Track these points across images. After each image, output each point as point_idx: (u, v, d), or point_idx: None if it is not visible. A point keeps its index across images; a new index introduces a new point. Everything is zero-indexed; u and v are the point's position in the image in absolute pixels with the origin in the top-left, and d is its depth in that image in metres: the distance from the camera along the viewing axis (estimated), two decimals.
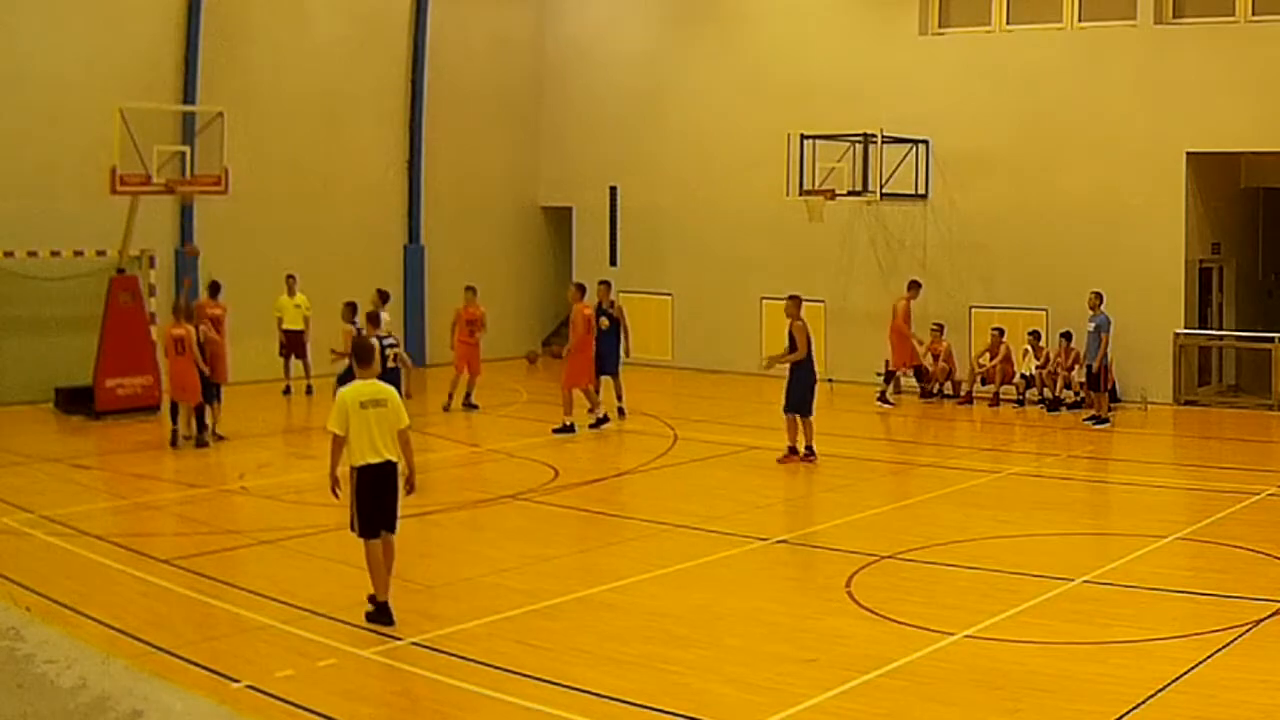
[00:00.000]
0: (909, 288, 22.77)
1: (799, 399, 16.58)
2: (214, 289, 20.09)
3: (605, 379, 19.90)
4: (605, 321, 19.84)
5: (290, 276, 22.54)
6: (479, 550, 12.12)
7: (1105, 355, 19.82)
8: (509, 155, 28.72)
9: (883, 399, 22.20)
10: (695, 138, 26.72)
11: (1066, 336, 21.29)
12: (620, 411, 19.95)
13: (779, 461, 16.46)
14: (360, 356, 10.19)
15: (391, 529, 9.95)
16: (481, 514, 13.77)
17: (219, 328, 19.02)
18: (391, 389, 10.02)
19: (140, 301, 20.70)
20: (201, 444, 17.55)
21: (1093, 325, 19.91)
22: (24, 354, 20.90)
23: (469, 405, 20.95)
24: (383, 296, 18.99)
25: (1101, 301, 19.95)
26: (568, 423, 18.81)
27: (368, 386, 9.87)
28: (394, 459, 9.80)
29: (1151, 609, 10.20)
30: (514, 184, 28.86)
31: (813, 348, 16.81)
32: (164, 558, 11.74)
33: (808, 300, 24.91)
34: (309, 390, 22.14)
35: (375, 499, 9.74)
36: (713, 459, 17.34)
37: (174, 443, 17.57)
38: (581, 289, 19.86)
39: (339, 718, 7.94)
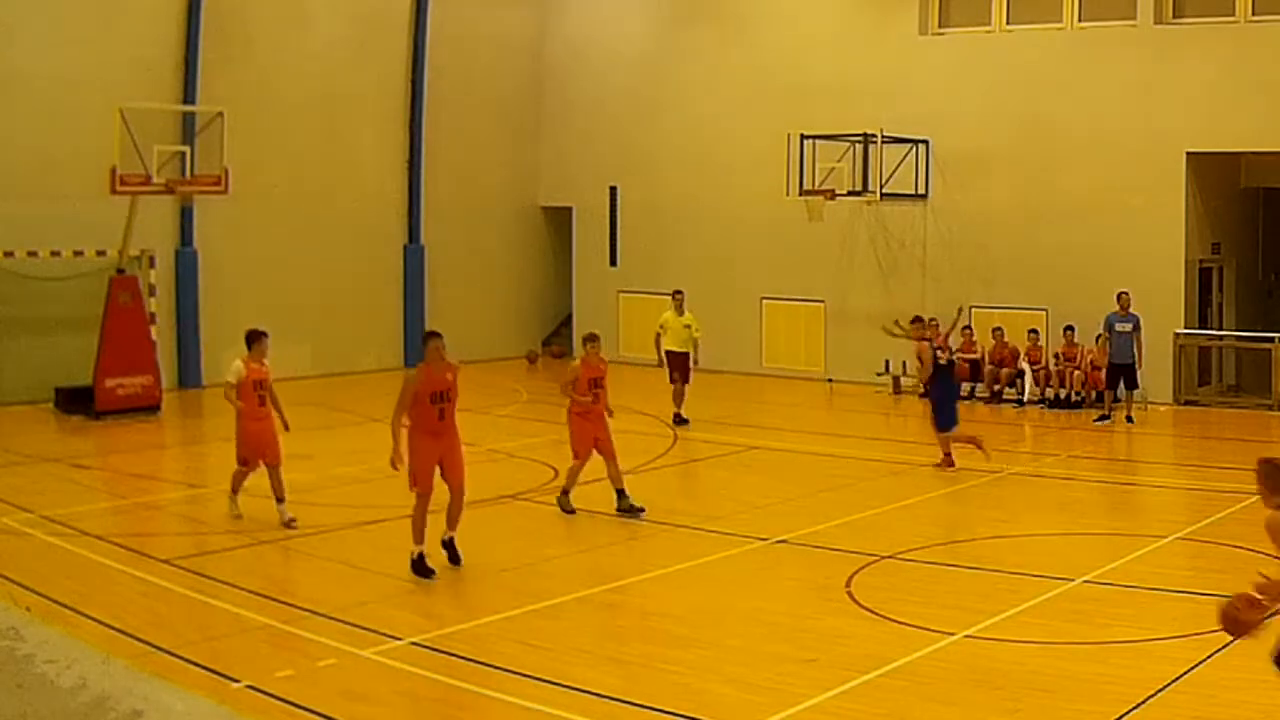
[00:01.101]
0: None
1: None
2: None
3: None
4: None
5: None
6: (479, 550, 12.09)
7: (1142, 353, 19.99)
8: (509, 155, 28.72)
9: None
10: (695, 138, 26.71)
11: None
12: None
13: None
14: None
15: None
16: (482, 514, 13.76)
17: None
18: None
19: (140, 301, 20.71)
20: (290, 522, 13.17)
21: (1129, 325, 20.00)
22: (24, 354, 20.91)
23: None
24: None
25: (1131, 301, 20.10)
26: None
27: None
28: None
29: (1151, 609, 10.21)
30: (514, 184, 28.86)
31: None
32: (164, 558, 11.75)
33: (807, 300, 25.33)
34: None
35: None
36: (713, 459, 17.34)
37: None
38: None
39: (339, 718, 7.94)
